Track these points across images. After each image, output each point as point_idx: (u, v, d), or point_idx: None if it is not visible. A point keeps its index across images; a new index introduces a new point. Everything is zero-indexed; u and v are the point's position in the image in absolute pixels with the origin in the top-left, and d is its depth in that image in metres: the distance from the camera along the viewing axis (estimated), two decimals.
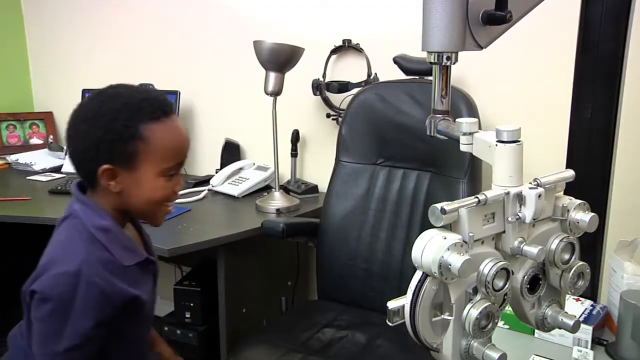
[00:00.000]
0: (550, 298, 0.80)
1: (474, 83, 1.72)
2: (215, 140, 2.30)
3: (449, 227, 0.71)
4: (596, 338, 1.07)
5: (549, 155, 1.63)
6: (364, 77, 1.89)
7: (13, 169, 2.49)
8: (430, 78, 1.65)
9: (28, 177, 2.32)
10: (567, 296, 1.16)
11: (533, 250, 0.72)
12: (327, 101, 1.98)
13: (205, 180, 2.17)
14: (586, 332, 1.05)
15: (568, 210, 0.77)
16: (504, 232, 0.74)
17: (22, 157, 2.48)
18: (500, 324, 1.15)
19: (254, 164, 2.14)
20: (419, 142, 1.63)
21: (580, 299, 1.15)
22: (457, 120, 0.81)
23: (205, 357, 1.90)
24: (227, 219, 1.89)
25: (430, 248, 0.68)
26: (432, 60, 0.82)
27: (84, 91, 2.37)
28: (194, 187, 2.13)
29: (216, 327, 1.71)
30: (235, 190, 2.01)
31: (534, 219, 0.72)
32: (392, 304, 0.70)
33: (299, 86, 1.98)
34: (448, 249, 0.67)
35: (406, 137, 1.64)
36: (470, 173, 1.55)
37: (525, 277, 0.76)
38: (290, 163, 2.08)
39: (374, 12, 1.90)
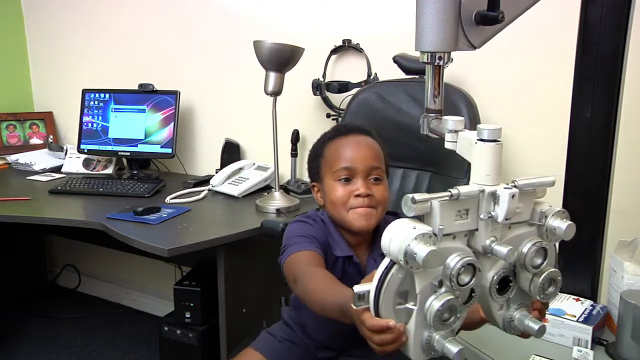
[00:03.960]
0: (520, 301, 0.80)
1: (474, 83, 1.72)
2: (215, 140, 2.30)
3: (422, 218, 0.72)
4: (596, 338, 1.07)
5: (549, 155, 1.63)
6: (364, 77, 1.89)
7: (13, 169, 2.49)
8: None
9: (28, 177, 2.32)
10: (567, 296, 1.17)
11: (503, 249, 0.72)
12: (327, 101, 1.98)
13: (205, 180, 2.17)
14: (586, 332, 1.05)
15: (546, 216, 0.77)
16: (477, 229, 0.74)
17: (22, 157, 2.48)
18: None
19: (254, 164, 2.14)
20: (419, 141, 1.63)
21: (580, 299, 1.16)
22: (444, 117, 0.82)
23: (205, 357, 1.90)
24: (227, 219, 1.89)
25: (399, 236, 0.69)
26: (425, 60, 0.84)
27: (84, 91, 2.37)
28: (194, 187, 2.13)
29: (216, 327, 1.71)
30: (235, 190, 2.01)
31: (506, 219, 0.73)
32: (357, 288, 0.72)
33: (299, 86, 1.98)
34: (415, 239, 0.68)
35: (406, 137, 1.64)
36: (470, 173, 1.55)
37: (495, 277, 0.76)
38: (290, 163, 2.08)
39: (374, 12, 1.90)
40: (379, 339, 0.73)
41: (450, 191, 0.71)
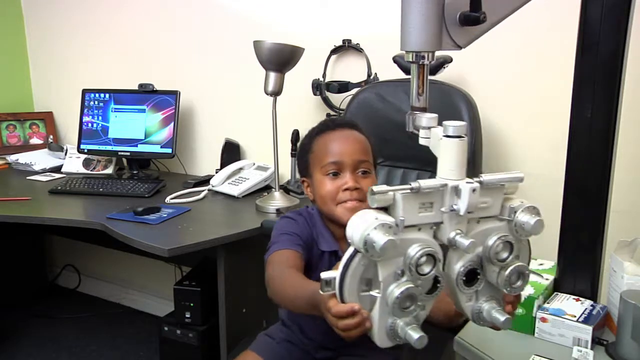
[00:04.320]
0: (489, 294, 0.82)
1: (474, 83, 1.72)
2: (215, 140, 2.30)
3: (389, 210, 0.75)
4: (596, 338, 1.07)
5: (549, 155, 1.63)
6: (364, 77, 1.89)
7: (13, 169, 2.49)
8: (431, 77, 1.66)
9: (28, 177, 2.32)
10: (567, 296, 1.17)
11: (465, 242, 0.74)
12: (327, 101, 1.98)
13: (205, 180, 2.17)
14: (586, 332, 1.05)
15: (515, 212, 0.78)
16: (442, 222, 0.77)
17: (22, 157, 2.48)
18: None
19: (254, 164, 2.14)
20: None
21: (580, 299, 1.16)
22: (418, 114, 0.84)
23: (205, 357, 1.90)
24: (227, 219, 1.89)
25: (360, 225, 0.71)
26: (410, 60, 0.87)
27: (84, 91, 2.37)
28: (194, 187, 2.13)
29: (216, 327, 1.71)
30: (235, 190, 2.01)
31: (468, 212, 0.75)
32: (324, 275, 0.75)
33: (299, 86, 1.98)
34: (375, 228, 0.70)
35: (406, 137, 1.62)
36: (471, 173, 1.54)
37: (462, 270, 0.78)
38: (290, 163, 2.08)
39: (374, 12, 1.90)
40: (343, 324, 0.75)
41: (411, 184, 0.73)
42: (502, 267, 0.79)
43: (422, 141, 0.84)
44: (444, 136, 0.77)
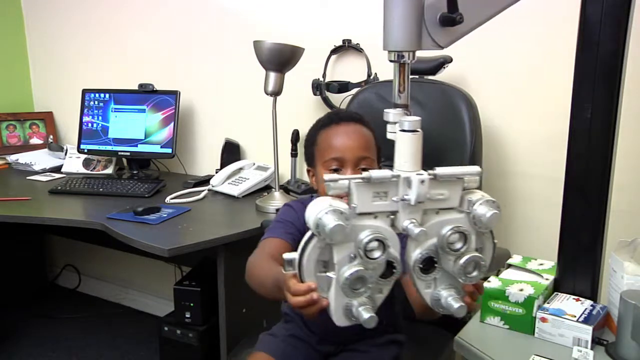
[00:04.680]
0: (448, 283, 0.85)
1: (474, 83, 1.72)
2: (215, 140, 2.30)
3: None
4: (596, 338, 1.07)
5: (549, 155, 1.63)
6: (364, 77, 1.89)
7: (13, 169, 2.49)
8: (431, 77, 1.66)
9: (28, 177, 2.32)
10: (567, 296, 1.17)
11: (415, 230, 0.78)
12: (327, 101, 1.98)
13: (205, 180, 2.17)
14: (586, 332, 1.05)
15: (473, 205, 0.81)
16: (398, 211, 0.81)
17: (22, 157, 2.48)
18: (501, 324, 1.15)
19: (254, 164, 2.14)
20: None
21: (580, 299, 1.16)
22: (385, 110, 0.87)
23: (205, 357, 1.90)
24: (227, 218, 1.89)
25: (315, 210, 0.77)
26: (392, 59, 0.91)
27: (84, 91, 2.37)
28: (194, 187, 2.13)
29: (216, 327, 1.71)
30: (235, 190, 2.01)
31: (418, 202, 0.79)
32: (286, 255, 0.81)
33: (299, 86, 1.98)
34: (327, 213, 0.75)
35: None
36: None
37: (419, 257, 0.82)
38: (290, 163, 2.08)
39: (374, 12, 1.89)
40: (296, 300, 0.80)
41: (363, 174, 0.79)
42: (457, 257, 0.81)
43: (389, 135, 0.87)
44: (400, 130, 0.82)
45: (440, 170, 0.80)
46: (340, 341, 1.28)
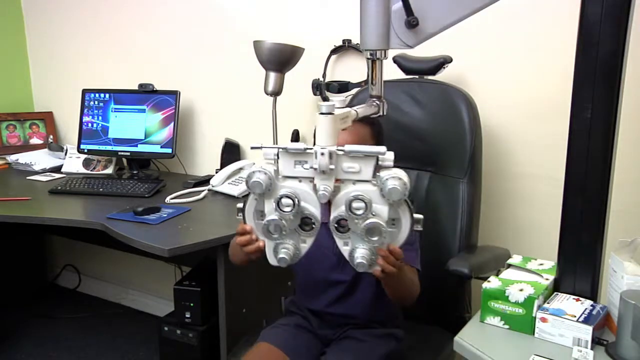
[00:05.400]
0: (361, 243, 0.98)
1: (474, 83, 1.72)
2: (215, 140, 2.30)
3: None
4: (596, 338, 1.07)
5: (549, 155, 1.63)
6: (364, 77, 1.89)
7: (13, 169, 2.49)
8: (431, 77, 1.66)
9: (28, 177, 2.32)
10: (567, 296, 1.17)
11: (321, 193, 0.94)
12: (327, 101, 1.98)
13: (205, 180, 2.17)
14: (586, 332, 1.05)
15: (383, 179, 0.93)
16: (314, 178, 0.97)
17: (22, 157, 2.48)
18: (500, 324, 1.15)
19: (254, 164, 2.13)
20: (419, 141, 1.63)
21: (580, 299, 1.16)
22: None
23: (205, 357, 1.90)
24: (227, 219, 1.88)
25: (248, 170, 0.98)
26: (367, 56, 1.06)
27: (84, 91, 2.37)
28: (194, 187, 2.13)
29: (216, 327, 1.71)
30: (235, 190, 2.01)
31: (322, 171, 0.94)
32: (239, 204, 1.02)
33: (299, 86, 1.98)
34: (254, 172, 0.96)
35: (406, 137, 1.64)
36: (470, 173, 1.55)
37: (334, 219, 0.97)
38: None
39: None
40: (240, 239, 1.07)
41: (281, 144, 0.98)
42: (360, 221, 0.95)
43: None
44: (319, 113, 0.95)
45: (348, 148, 0.93)
46: (337, 325, 1.38)
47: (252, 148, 0.99)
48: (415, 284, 1.29)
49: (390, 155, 0.94)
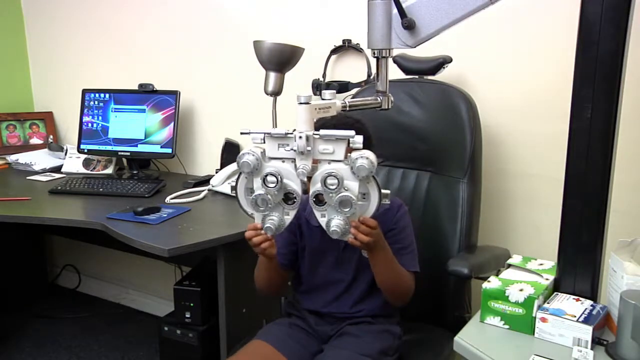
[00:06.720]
0: (336, 214, 1.11)
1: (474, 83, 1.72)
2: (215, 140, 2.30)
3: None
4: (596, 338, 1.07)
5: (549, 155, 1.63)
6: (364, 77, 1.89)
7: (13, 169, 2.49)
8: (431, 77, 1.66)
9: (28, 177, 2.32)
10: (567, 296, 1.17)
11: (300, 171, 1.08)
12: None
13: (205, 180, 2.17)
14: (586, 332, 1.05)
15: (353, 159, 1.06)
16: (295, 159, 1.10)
17: (22, 157, 2.48)
18: (500, 324, 1.15)
19: None
20: (419, 141, 1.63)
21: (580, 299, 1.16)
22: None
23: (205, 357, 1.90)
24: (227, 219, 1.88)
25: (241, 151, 1.10)
26: (373, 55, 1.18)
27: (84, 91, 2.37)
28: (194, 187, 2.13)
29: (216, 327, 1.71)
30: None
31: (301, 152, 1.08)
32: (231, 183, 1.17)
33: (299, 86, 1.97)
34: (244, 154, 1.09)
35: (406, 137, 1.64)
36: (470, 173, 1.55)
37: (312, 193, 1.10)
38: None
39: None
40: (248, 233, 1.21)
41: (265, 129, 1.10)
42: (334, 195, 1.08)
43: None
44: (298, 103, 1.09)
45: (322, 132, 1.07)
46: (334, 321, 1.39)
47: (241, 133, 1.11)
48: (405, 279, 1.33)
49: (359, 139, 1.06)
